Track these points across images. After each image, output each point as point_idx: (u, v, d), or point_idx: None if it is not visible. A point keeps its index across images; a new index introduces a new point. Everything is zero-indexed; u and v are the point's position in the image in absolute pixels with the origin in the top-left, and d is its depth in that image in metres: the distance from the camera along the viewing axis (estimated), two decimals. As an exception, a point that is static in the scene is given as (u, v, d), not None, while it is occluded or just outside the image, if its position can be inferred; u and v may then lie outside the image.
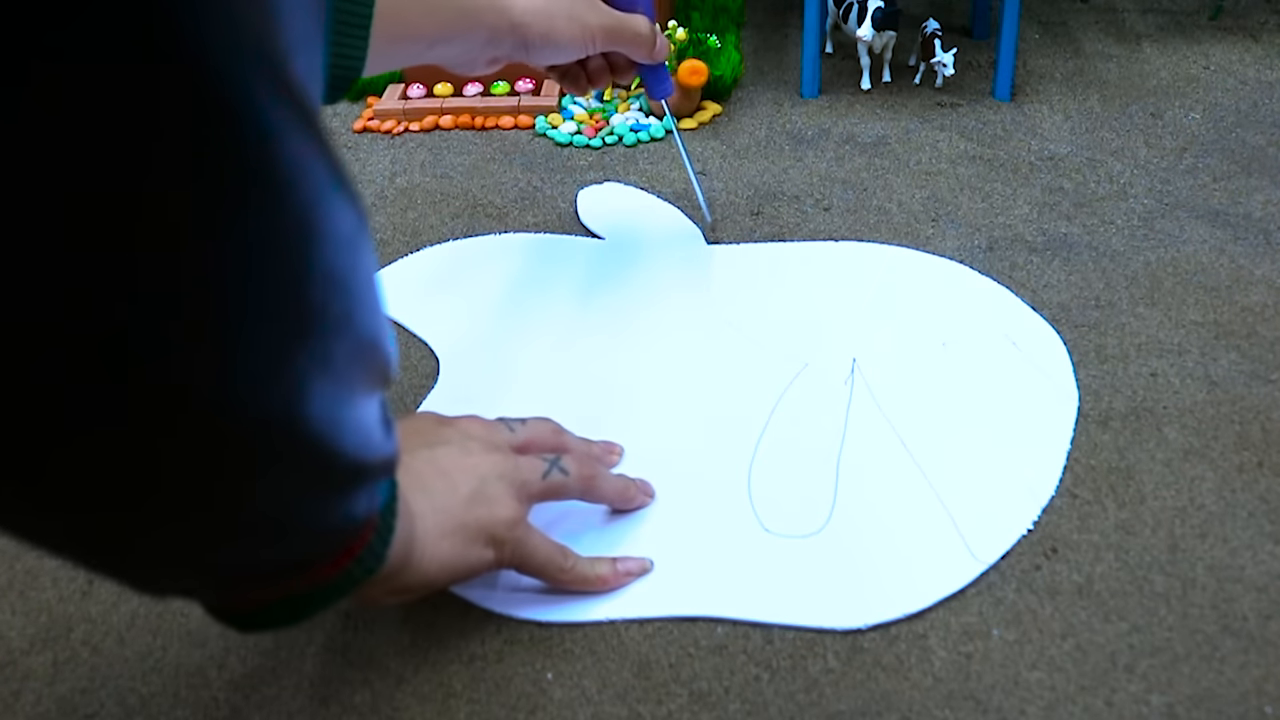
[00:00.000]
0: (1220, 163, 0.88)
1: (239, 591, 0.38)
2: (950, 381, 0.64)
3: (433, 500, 0.46)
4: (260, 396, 0.29)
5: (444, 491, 0.47)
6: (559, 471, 0.51)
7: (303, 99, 0.27)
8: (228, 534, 0.33)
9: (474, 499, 0.47)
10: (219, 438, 0.29)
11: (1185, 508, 0.55)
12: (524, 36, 0.63)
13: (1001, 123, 0.95)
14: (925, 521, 0.55)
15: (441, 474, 0.47)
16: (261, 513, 0.34)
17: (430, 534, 0.45)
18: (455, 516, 0.46)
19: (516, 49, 0.64)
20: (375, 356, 0.34)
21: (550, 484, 0.50)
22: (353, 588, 0.41)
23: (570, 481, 0.51)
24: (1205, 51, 1.08)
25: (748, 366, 0.66)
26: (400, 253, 0.79)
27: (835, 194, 0.85)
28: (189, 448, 0.29)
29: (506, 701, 0.47)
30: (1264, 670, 0.47)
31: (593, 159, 0.91)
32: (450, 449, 0.49)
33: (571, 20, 0.64)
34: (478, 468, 0.48)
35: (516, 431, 0.52)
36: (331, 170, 0.29)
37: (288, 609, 0.40)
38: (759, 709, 0.46)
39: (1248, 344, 0.67)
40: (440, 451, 0.48)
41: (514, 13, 0.62)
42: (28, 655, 0.50)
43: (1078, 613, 0.50)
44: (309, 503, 0.35)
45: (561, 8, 0.64)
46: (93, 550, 0.32)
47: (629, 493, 0.55)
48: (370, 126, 0.98)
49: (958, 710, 0.46)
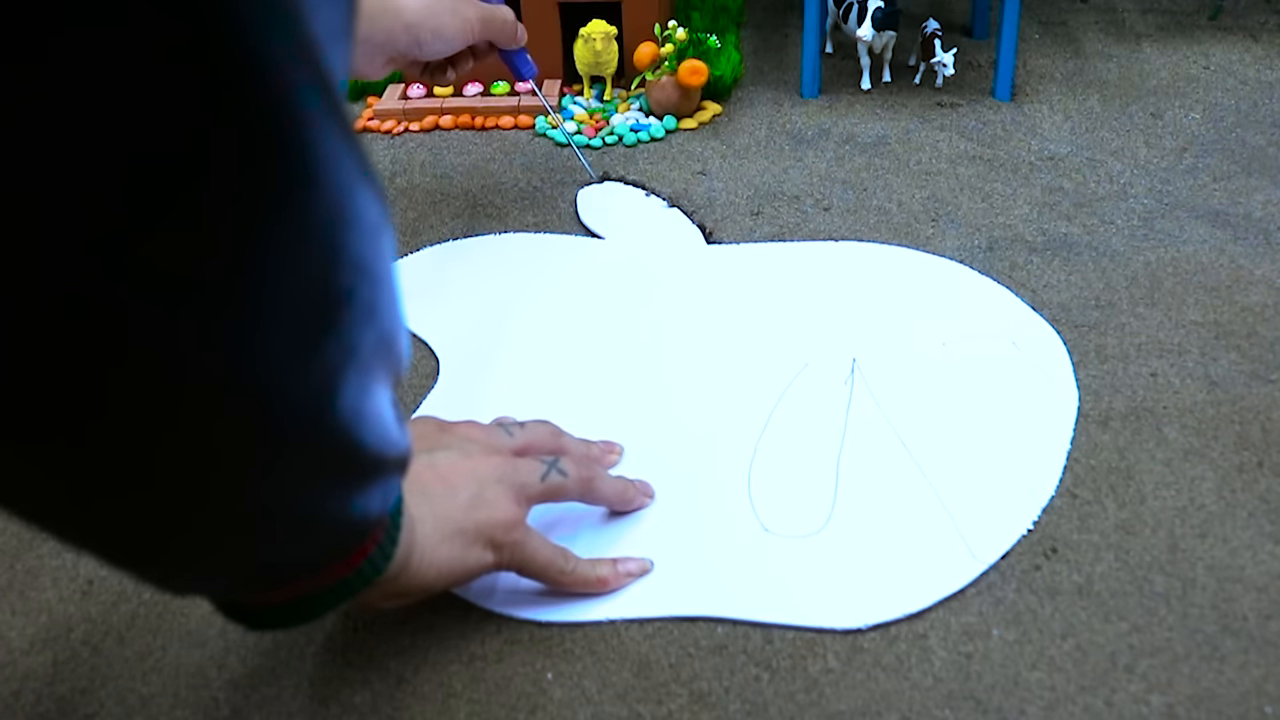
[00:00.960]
0: (1220, 163, 0.88)
1: (260, 589, 0.38)
2: (950, 381, 0.64)
3: (432, 505, 0.46)
4: (291, 384, 0.30)
5: (443, 496, 0.47)
6: (557, 473, 0.51)
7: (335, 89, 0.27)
8: (258, 527, 0.34)
9: (473, 503, 0.47)
10: (250, 426, 0.30)
11: (1185, 508, 0.55)
12: (417, 35, 0.72)
13: (1001, 123, 0.95)
14: (925, 521, 0.55)
15: (441, 479, 0.47)
16: (290, 505, 0.34)
17: (429, 539, 0.45)
18: (454, 521, 0.46)
19: (411, 47, 0.73)
20: (394, 348, 0.35)
21: (549, 485, 0.50)
22: (363, 587, 0.41)
23: (569, 483, 0.51)
24: (1205, 51, 1.08)
25: (748, 367, 0.66)
26: (400, 253, 0.79)
27: (835, 194, 0.85)
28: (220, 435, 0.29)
29: (506, 701, 0.47)
30: (1264, 670, 0.47)
31: (593, 159, 0.91)
32: (450, 454, 0.49)
33: (454, 15, 0.73)
34: (476, 471, 0.48)
35: (515, 435, 0.52)
36: (360, 160, 0.29)
37: (298, 609, 0.40)
38: (759, 709, 0.46)
39: (1248, 344, 0.67)
40: (440, 456, 0.48)
41: (406, 15, 0.71)
42: (28, 655, 0.50)
43: (1078, 613, 0.50)
44: (333, 496, 0.35)
45: (444, 5, 0.73)
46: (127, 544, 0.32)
47: (628, 494, 0.55)
48: (370, 126, 0.98)
49: (958, 710, 0.46)
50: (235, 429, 0.29)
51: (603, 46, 0.97)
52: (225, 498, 0.32)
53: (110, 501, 0.30)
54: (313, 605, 0.40)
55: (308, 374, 0.30)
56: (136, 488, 0.29)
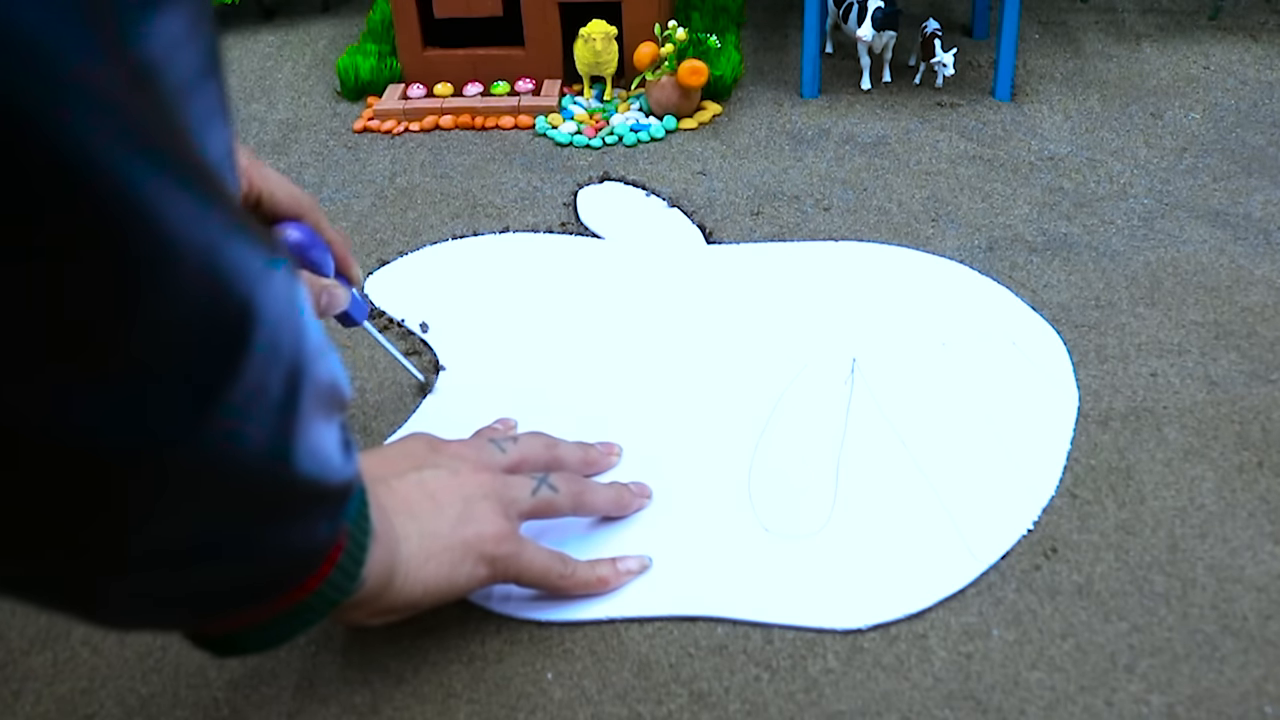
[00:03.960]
0: (1220, 163, 0.88)
1: (204, 620, 0.38)
2: (950, 381, 0.64)
3: (419, 524, 0.46)
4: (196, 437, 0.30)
5: (430, 515, 0.47)
6: (548, 489, 0.51)
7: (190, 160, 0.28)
8: (191, 564, 0.34)
9: (460, 519, 0.47)
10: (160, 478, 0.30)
11: (1185, 508, 0.55)
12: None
13: (1001, 123, 0.95)
14: (925, 521, 0.55)
15: (429, 496, 0.47)
16: (222, 542, 0.34)
17: (415, 557, 0.45)
18: (441, 539, 0.46)
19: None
20: (313, 380, 0.34)
21: (539, 501, 0.50)
22: (327, 610, 0.41)
23: (559, 499, 0.51)
24: (1205, 51, 1.08)
25: (748, 367, 0.66)
26: (400, 253, 0.79)
27: (835, 194, 0.85)
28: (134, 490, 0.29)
29: (506, 701, 0.47)
30: (1264, 670, 0.47)
31: (593, 159, 0.91)
32: (439, 472, 0.49)
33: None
34: (464, 488, 0.48)
35: (508, 451, 0.52)
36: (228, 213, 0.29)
37: (260, 634, 0.40)
38: (759, 709, 0.46)
39: (1248, 344, 0.67)
40: (428, 475, 0.48)
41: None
42: (28, 655, 0.50)
43: (1078, 613, 0.50)
44: (267, 529, 0.35)
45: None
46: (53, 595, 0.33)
47: (623, 499, 0.55)
48: (370, 126, 0.98)
49: (958, 710, 0.46)
50: (146, 483, 0.30)
51: (603, 46, 0.97)
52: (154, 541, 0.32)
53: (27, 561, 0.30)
54: (275, 630, 0.40)
55: (212, 424, 0.30)
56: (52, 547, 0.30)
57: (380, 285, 0.75)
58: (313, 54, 1.14)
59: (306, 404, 0.34)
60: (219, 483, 0.32)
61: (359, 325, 0.58)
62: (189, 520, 0.32)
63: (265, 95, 1.05)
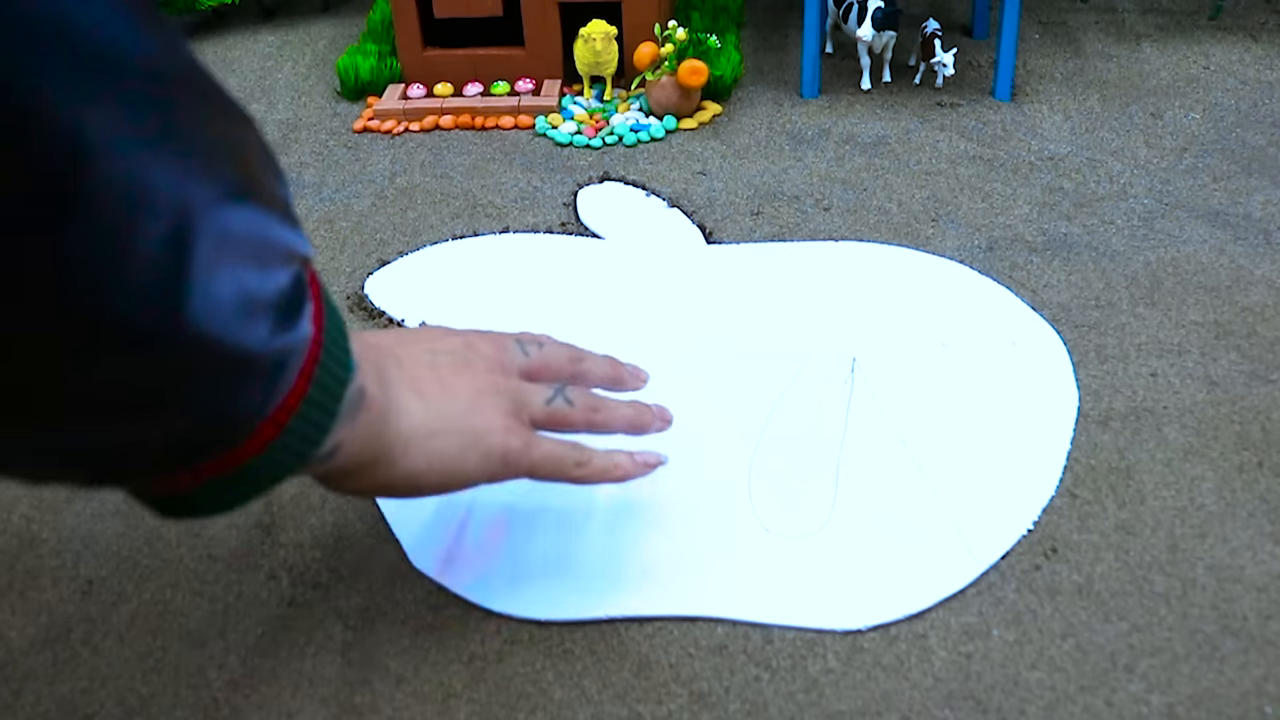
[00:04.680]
0: (1220, 163, 0.88)
1: (116, 479, 0.36)
2: (950, 381, 0.64)
3: (425, 402, 0.44)
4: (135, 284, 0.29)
5: (438, 396, 0.45)
6: (563, 400, 0.48)
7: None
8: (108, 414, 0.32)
9: (470, 409, 0.45)
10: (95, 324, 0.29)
11: (1185, 508, 0.55)
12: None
13: (1001, 123, 0.95)
14: (925, 521, 0.55)
15: (439, 380, 0.45)
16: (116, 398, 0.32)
17: (418, 431, 0.43)
18: (449, 420, 0.44)
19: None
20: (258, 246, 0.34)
21: (553, 411, 0.48)
22: (282, 475, 0.38)
23: (573, 412, 0.49)
24: (1205, 51, 1.08)
25: (748, 366, 0.66)
26: (400, 253, 0.79)
27: (835, 194, 0.85)
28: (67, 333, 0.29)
29: (506, 701, 0.47)
30: (1264, 670, 0.47)
31: (593, 159, 0.91)
32: (452, 357, 0.46)
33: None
34: (476, 379, 0.46)
35: (530, 356, 0.49)
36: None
37: (204, 497, 0.37)
38: (759, 709, 0.46)
39: (1248, 344, 0.67)
40: (442, 358, 0.46)
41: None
42: (28, 655, 0.50)
43: (1078, 613, 0.50)
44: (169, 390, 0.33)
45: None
46: None
47: (642, 419, 0.52)
48: (370, 126, 0.98)
49: (958, 710, 0.46)
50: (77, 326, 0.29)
51: (603, 46, 0.97)
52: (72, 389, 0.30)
53: None
54: (219, 494, 0.37)
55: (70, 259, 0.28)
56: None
57: (380, 285, 0.75)
58: (313, 54, 1.14)
59: (204, 252, 0.31)
60: (95, 325, 0.30)
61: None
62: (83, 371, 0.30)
63: (265, 95, 1.05)
